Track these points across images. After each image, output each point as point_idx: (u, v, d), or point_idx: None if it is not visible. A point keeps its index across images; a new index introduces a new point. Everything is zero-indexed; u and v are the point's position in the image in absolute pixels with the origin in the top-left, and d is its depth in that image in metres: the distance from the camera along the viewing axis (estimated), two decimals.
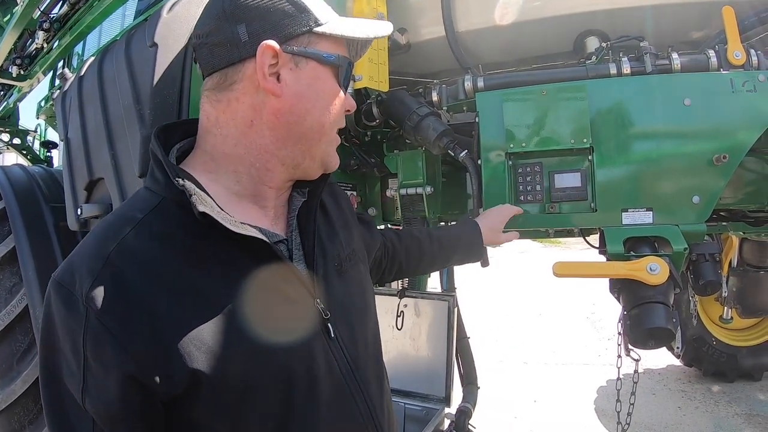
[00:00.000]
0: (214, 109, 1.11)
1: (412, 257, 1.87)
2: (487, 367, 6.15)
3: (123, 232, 0.99)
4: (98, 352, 0.91)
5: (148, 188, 1.09)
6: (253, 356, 1.01)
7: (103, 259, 0.95)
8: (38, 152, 6.07)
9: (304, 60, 1.10)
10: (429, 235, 1.96)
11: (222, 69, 1.08)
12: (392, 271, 1.83)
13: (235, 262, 1.04)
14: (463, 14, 2.40)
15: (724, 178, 1.92)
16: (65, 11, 3.81)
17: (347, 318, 1.22)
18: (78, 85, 2.41)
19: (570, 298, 9.66)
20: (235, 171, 1.12)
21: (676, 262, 1.89)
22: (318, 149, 1.17)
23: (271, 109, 1.09)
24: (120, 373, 0.91)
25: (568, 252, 15.32)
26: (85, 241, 1.02)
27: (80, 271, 0.95)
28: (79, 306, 0.92)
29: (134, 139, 1.90)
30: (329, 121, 1.17)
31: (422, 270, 2.01)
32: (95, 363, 0.92)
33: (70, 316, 0.93)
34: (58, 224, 2.93)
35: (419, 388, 2.86)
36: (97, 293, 0.92)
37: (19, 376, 2.78)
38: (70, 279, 0.95)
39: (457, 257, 2.04)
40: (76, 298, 0.92)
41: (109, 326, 0.91)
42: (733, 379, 5.84)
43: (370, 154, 2.57)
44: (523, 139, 2.08)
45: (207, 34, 1.09)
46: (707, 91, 1.95)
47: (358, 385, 1.18)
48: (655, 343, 1.85)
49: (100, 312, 0.91)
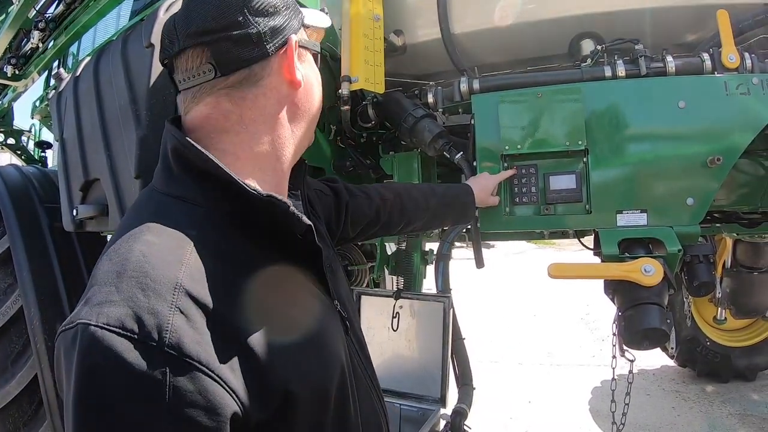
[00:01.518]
0: (237, 107, 1.03)
1: (420, 210, 1.90)
2: (482, 368, 6.17)
3: (183, 254, 0.85)
4: (194, 402, 0.74)
5: (178, 198, 0.97)
6: (323, 361, 0.98)
7: (177, 291, 0.79)
8: (33, 152, 6.05)
9: (305, 51, 1.14)
10: (432, 189, 2.01)
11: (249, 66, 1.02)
12: (401, 223, 1.86)
13: (289, 273, 1.01)
14: (459, 16, 2.41)
15: (718, 180, 1.93)
16: (61, 11, 3.81)
17: (352, 318, 1.25)
18: (73, 85, 2.40)
19: (564, 299, 9.68)
20: (261, 169, 1.06)
21: (670, 263, 1.90)
22: (312, 133, 1.22)
23: (293, 101, 1.10)
24: (223, 417, 0.76)
25: (562, 253, 15.34)
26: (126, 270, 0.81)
27: (147, 311, 0.75)
28: (158, 354, 0.73)
29: (130, 139, 1.90)
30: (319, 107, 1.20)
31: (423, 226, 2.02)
32: (191, 416, 0.74)
33: (145, 372, 0.72)
34: (53, 225, 2.92)
35: (415, 389, 2.86)
36: (183, 334, 0.75)
37: (13, 378, 2.77)
38: (127, 322, 0.74)
39: (452, 216, 2.08)
40: (150, 346, 0.73)
41: (204, 368, 0.76)
42: (726, 379, 5.86)
43: (366, 156, 2.57)
44: (518, 141, 2.09)
45: (224, 28, 1.00)
46: (701, 93, 1.96)
47: (369, 376, 1.22)
48: (650, 344, 1.86)
49: (191, 354, 0.75)
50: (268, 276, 0.94)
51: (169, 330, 0.74)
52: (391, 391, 2.84)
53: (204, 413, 0.75)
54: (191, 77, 1.03)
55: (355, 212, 1.66)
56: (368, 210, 1.72)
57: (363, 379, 1.18)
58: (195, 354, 0.75)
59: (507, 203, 2.13)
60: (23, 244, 2.84)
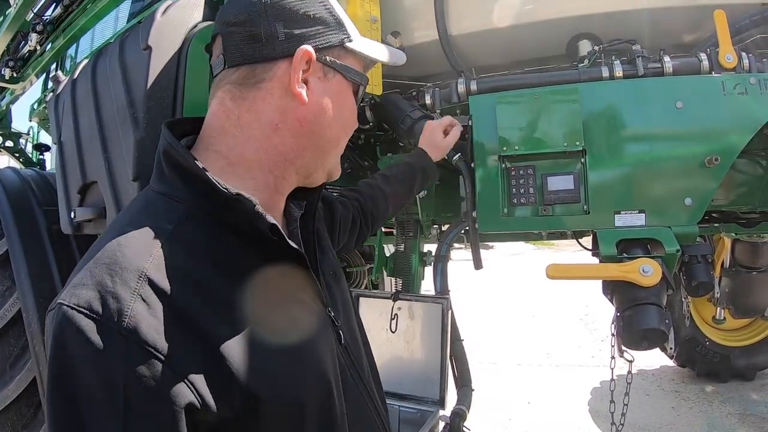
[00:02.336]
0: (237, 107, 1.04)
1: (379, 201, 1.89)
2: (481, 369, 6.17)
3: (155, 246, 0.88)
4: (147, 386, 0.78)
5: (164, 194, 0.99)
6: (297, 371, 0.97)
7: (141, 279, 0.82)
8: (31, 155, 6.04)
9: (332, 72, 1.09)
10: (383, 176, 1.99)
11: (251, 63, 1.03)
12: (368, 223, 1.83)
13: (271, 276, 0.99)
14: (456, 17, 2.41)
15: (716, 180, 1.94)
16: (58, 13, 3.81)
17: (348, 324, 1.23)
18: (71, 87, 2.40)
19: (563, 300, 9.69)
20: (253, 178, 1.05)
21: (668, 263, 1.90)
22: (329, 160, 1.17)
23: (296, 116, 1.05)
24: (177, 405, 0.79)
25: (560, 254, 15.35)
26: (102, 259, 0.86)
27: (111, 296, 0.80)
28: (116, 337, 0.78)
29: (128, 142, 1.90)
30: (345, 135, 1.17)
31: (392, 209, 2.00)
32: (143, 399, 0.78)
33: (104, 351, 0.77)
34: (51, 228, 2.91)
35: (413, 390, 2.86)
36: (140, 320, 0.79)
37: (12, 381, 2.77)
38: (95, 305, 0.80)
39: (417, 185, 2.08)
40: (111, 328, 0.78)
41: (159, 355, 0.79)
42: (726, 379, 5.86)
43: (364, 158, 2.58)
44: (516, 142, 2.09)
45: (241, 23, 1.02)
46: (699, 93, 1.96)
47: (365, 387, 1.20)
48: (649, 344, 1.86)
49: (147, 341, 0.78)
50: (244, 276, 0.95)
51: (128, 314, 0.79)
52: (390, 393, 2.83)
53: (155, 398, 0.78)
54: (214, 66, 1.08)
55: (343, 221, 1.66)
56: (348, 216, 1.71)
57: (356, 393, 1.16)
58: (151, 340, 0.79)
59: (505, 204, 2.12)
60: (21, 247, 2.83)
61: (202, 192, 0.94)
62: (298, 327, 1.01)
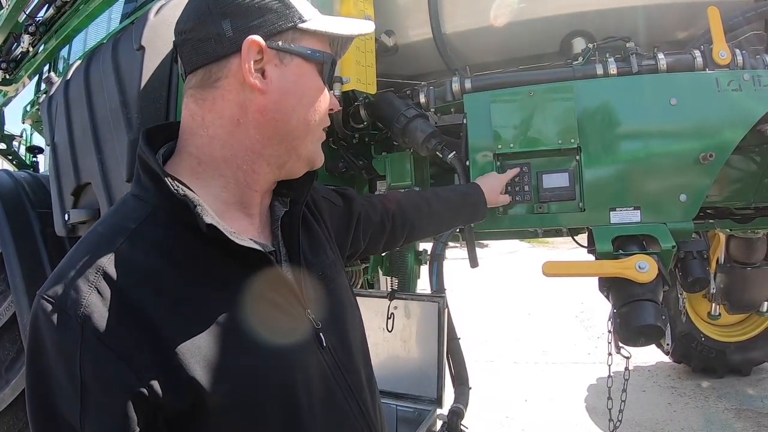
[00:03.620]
0: (200, 108, 1.06)
1: (423, 214, 1.83)
2: (478, 368, 6.17)
3: (116, 244, 0.93)
4: (99, 373, 0.84)
5: (136, 196, 1.03)
6: (256, 371, 0.98)
7: (98, 273, 0.89)
8: (24, 157, 6.01)
9: (289, 56, 1.07)
10: (436, 194, 1.93)
11: (206, 65, 1.04)
12: (404, 232, 1.77)
13: (232, 273, 1.01)
14: (450, 16, 2.41)
15: (711, 177, 1.94)
16: (51, 14, 3.79)
17: (336, 326, 1.21)
18: (64, 89, 2.39)
19: (559, 297, 9.70)
20: (222, 176, 1.07)
21: (664, 260, 1.91)
22: (304, 147, 1.14)
23: (256, 107, 1.05)
24: (124, 392, 0.84)
25: (556, 251, 15.39)
26: (74, 254, 0.95)
27: (72, 288, 0.87)
28: (74, 325, 0.84)
29: (121, 143, 1.89)
30: (315, 118, 1.13)
31: (431, 231, 1.96)
32: (95, 385, 0.84)
33: (64, 336, 0.85)
34: (45, 230, 2.90)
35: (411, 389, 2.86)
36: (93, 310, 0.85)
37: (7, 385, 2.76)
38: (60, 295, 0.87)
39: (463, 217, 2.02)
40: (70, 316, 0.85)
41: (109, 343, 0.84)
42: (722, 374, 5.88)
43: (358, 157, 2.57)
44: (510, 139, 2.09)
45: (190, 29, 1.05)
46: (693, 90, 1.96)
47: (351, 391, 1.17)
48: (645, 341, 1.86)
49: (99, 330, 0.84)
50: (200, 274, 0.98)
51: (83, 305, 0.85)
52: (387, 392, 2.83)
53: (105, 385, 0.84)
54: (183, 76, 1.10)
55: (365, 221, 1.61)
56: (374, 217, 1.65)
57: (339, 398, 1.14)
58: (101, 329, 0.85)
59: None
60: (15, 250, 2.82)
61: (167, 193, 0.97)
62: (260, 327, 1.00)
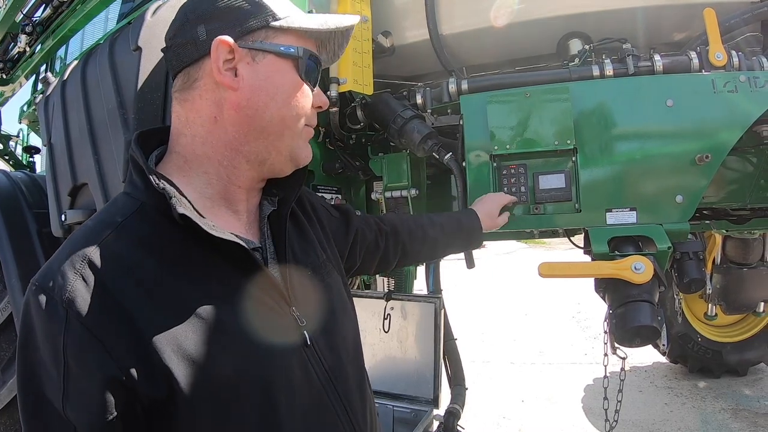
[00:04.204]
0: (183, 109, 1.13)
1: (417, 240, 1.86)
2: (474, 368, 6.18)
3: (103, 236, 0.99)
4: (80, 356, 0.90)
5: (127, 193, 1.10)
6: (231, 364, 1.01)
7: (83, 261, 0.95)
8: (21, 158, 5.99)
9: (262, 54, 1.11)
10: (431, 220, 1.95)
11: (185, 68, 1.12)
12: (397, 253, 1.80)
13: (214, 267, 1.05)
14: (447, 17, 2.41)
15: (707, 178, 1.94)
16: (48, 14, 3.78)
17: (324, 325, 1.22)
18: (61, 89, 2.39)
19: (555, 298, 9.72)
20: (206, 172, 1.13)
21: (660, 260, 1.91)
22: (282, 143, 1.17)
23: (230, 104, 1.10)
24: (102, 376, 0.90)
25: (552, 252, 15.41)
26: (65, 245, 1.01)
27: (60, 275, 0.94)
28: (59, 309, 0.91)
29: (118, 143, 1.89)
30: (290, 113, 1.15)
31: (425, 255, 1.97)
32: (76, 367, 0.90)
33: (50, 321, 0.91)
34: (42, 231, 2.89)
35: (407, 390, 2.86)
36: (77, 296, 0.91)
37: (4, 386, 2.75)
38: (49, 282, 0.94)
39: (458, 243, 2.03)
40: (56, 301, 0.91)
41: (90, 328, 0.90)
42: (718, 374, 5.90)
43: (355, 157, 2.57)
44: (507, 141, 2.09)
45: (172, 36, 1.14)
46: (689, 92, 1.97)
47: (337, 392, 1.19)
48: (641, 341, 1.87)
49: (81, 314, 0.90)
50: (179, 265, 1.02)
51: (68, 290, 0.92)
52: (384, 392, 2.84)
53: (85, 369, 0.90)
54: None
55: (361, 237, 1.65)
56: (369, 235, 1.69)
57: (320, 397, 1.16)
58: (83, 314, 0.90)
59: None
60: (12, 250, 2.81)
61: (152, 189, 1.03)
62: (239, 322, 1.04)
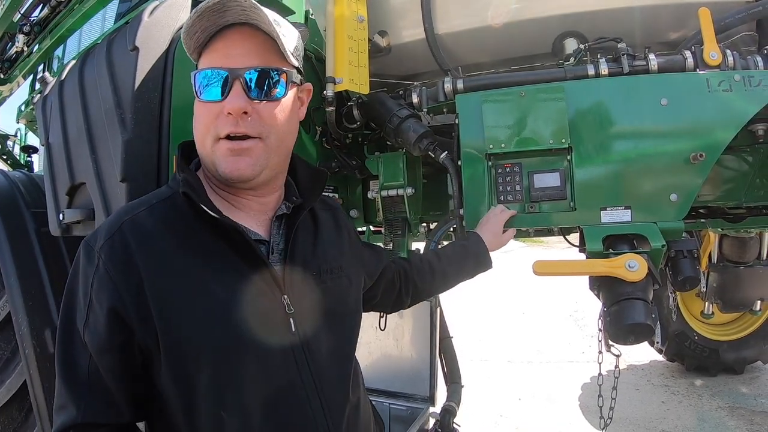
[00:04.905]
0: None
1: (425, 274, 1.94)
2: (471, 366, 6.19)
3: (137, 210, 1.27)
4: (99, 291, 1.18)
5: (168, 185, 1.37)
6: (208, 330, 1.20)
7: (117, 226, 1.23)
8: (18, 157, 5.99)
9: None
10: (436, 253, 2.04)
11: None
12: (409, 291, 1.92)
13: (218, 250, 1.26)
14: (443, 17, 2.42)
15: (702, 176, 1.95)
16: (45, 14, 3.78)
17: (315, 320, 1.35)
18: (59, 89, 2.39)
19: (553, 296, 9.72)
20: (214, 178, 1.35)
21: (654, 258, 1.92)
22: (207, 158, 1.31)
23: None
24: (110, 307, 1.16)
25: (550, 251, 15.40)
26: (113, 215, 1.29)
27: (100, 233, 1.23)
28: (95, 257, 1.19)
29: (116, 143, 1.89)
30: (200, 134, 1.31)
31: (437, 287, 2.04)
32: (96, 301, 1.18)
33: (88, 265, 1.21)
34: (40, 230, 2.89)
35: (403, 388, 2.87)
36: (107, 249, 1.19)
37: (2, 385, 2.75)
38: (93, 238, 1.23)
39: (467, 269, 2.06)
40: (95, 252, 1.20)
41: (110, 273, 1.17)
42: (715, 373, 5.92)
43: (351, 156, 2.57)
44: (502, 139, 2.10)
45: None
46: (684, 91, 1.98)
47: (312, 380, 1.31)
48: (635, 339, 1.88)
49: (107, 262, 1.18)
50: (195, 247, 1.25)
51: (103, 245, 1.20)
52: (380, 390, 2.84)
53: (100, 301, 1.18)
54: None
55: (385, 275, 1.82)
56: (388, 274, 1.84)
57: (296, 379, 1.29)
58: (108, 262, 1.19)
59: (492, 202, 2.14)
60: (10, 250, 2.81)
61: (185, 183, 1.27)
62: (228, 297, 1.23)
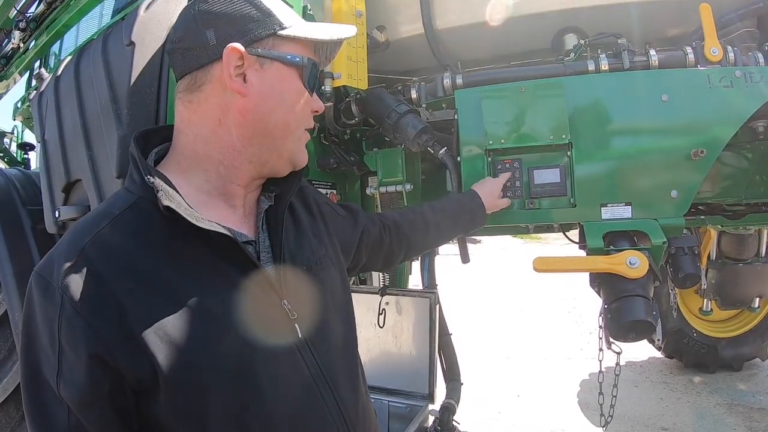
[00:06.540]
0: (187, 110, 1.18)
1: (417, 227, 1.88)
2: (470, 363, 6.18)
3: (99, 227, 1.05)
4: (71, 336, 0.96)
5: (126, 188, 1.15)
6: (214, 353, 1.04)
7: (78, 250, 1.01)
8: (15, 154, 5.98)
9: (269, 61, 1.16)
10: (430, 206, 1.97)
11: (192, 72, 1.16)
12: (402, 245, 1.83)
13: (204, 259, 1.09)
14: (442, 12, 2.40)
15: (702, 173, 1.94)
16: (42, 10, 3.76)
17: (316, 319, 1.25)
18: (55, 85, 2.38)
19: (551, 293, 9.73)
20: (205, 170, 1.18)
21: (655, 255, 1.91)
22: (284, 147, 1.23)
23: (237, 108, 1.15)
24: (89, 355, 0.96)
25: (548, 247, 15.43)
26: (66, 236, 1.08)
27: (57, 262, 1.01)
28: (56, 294, 0.97)
29: (111, 139, 1.88)
30: (294, 119, 1.23)
31: (431, 240, 1.98)
32: (68, 347, 0.97)
33: (48, 304, 0.98)
34: (36, 227, 2.88)
35: (402, 385, 2.87)
36: (71, 281, 0.98)
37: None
38: (48, 269, 1.01)
39: (461, 224, 2.03)
40: (54, 287, 0.98)
41: (81, 311, 0.96)
42: (714, 369, 5.92)
43: (350, 153, 2.56)
44: (501, 135, 2.09)
45: (179, 39, 1.17)
46: (684, 87, 1.97)
47: (327, 384, 1.21)
48: (636, 336, 1.87)
49: (74, 299, 0.97)
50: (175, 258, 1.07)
51: (63, 277, 0.98)
52: (379, 388, 2.84)
53: (74, 348, 0.96)
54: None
55: (367, 235, 1.69)
56: (374, 231, 1.72)
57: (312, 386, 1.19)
58: (76, 299, 0.96)
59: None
60: (6, 247, 2.80)
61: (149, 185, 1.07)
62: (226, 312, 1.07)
